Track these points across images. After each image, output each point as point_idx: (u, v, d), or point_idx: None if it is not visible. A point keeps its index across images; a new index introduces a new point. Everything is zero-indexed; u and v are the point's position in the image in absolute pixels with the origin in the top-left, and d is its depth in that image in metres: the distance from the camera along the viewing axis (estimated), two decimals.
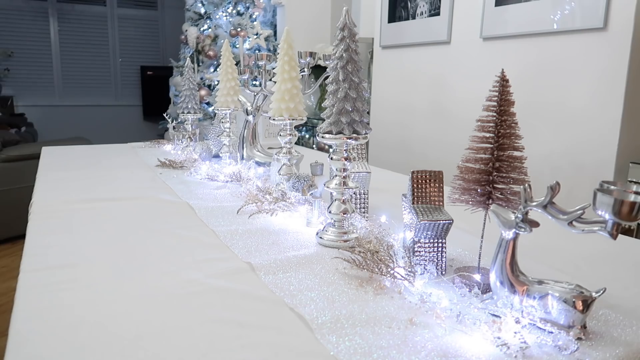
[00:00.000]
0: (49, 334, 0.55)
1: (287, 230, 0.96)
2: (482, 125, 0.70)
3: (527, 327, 0.57)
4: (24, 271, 0.72)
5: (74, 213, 1.03)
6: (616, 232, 0.53)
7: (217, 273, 0.74)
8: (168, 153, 1.85)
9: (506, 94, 0.68)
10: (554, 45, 1.88)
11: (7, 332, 0.58)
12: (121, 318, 0.60)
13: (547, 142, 1.92)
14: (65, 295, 0.65)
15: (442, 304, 0.64)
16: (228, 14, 4.57)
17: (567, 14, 1.80)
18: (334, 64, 0.85)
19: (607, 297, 0.65)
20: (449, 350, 0.54)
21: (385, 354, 0.53)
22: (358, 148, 1.07)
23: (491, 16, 2.11)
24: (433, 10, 2.43)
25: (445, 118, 2.42)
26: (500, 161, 0.68)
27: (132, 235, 0.90)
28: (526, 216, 0.60)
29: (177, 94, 4.62)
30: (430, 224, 0.74)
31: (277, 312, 0.63)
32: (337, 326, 0.58)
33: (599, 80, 1.74)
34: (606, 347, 0.55)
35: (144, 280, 0.71)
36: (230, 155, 1.56)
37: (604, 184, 0.55)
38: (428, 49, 2.51)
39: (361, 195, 1.05)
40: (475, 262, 0.74)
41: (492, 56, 2.15)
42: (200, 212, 1.06)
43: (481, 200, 0.70)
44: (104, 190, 1.23)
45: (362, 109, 0.87)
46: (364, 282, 0.71)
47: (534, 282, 0.60)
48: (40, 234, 0.90)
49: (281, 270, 0.75)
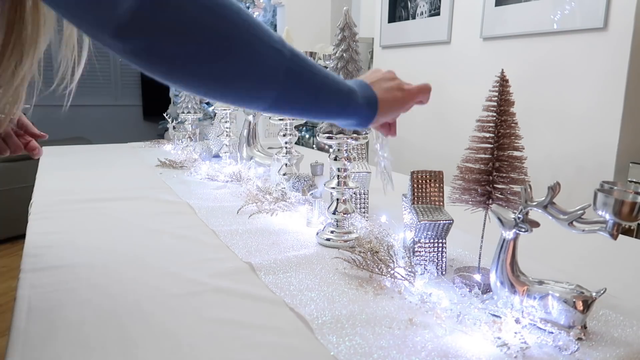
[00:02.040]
0: (49, 334, 0.55)
1: (287, 230, 0.96)
2: (482, 125, 0.70)
3: (527, 327, 0.57)
4: (24, 271, 0.72)
5: (74, 213, 1.03)
6: (616, 233, 0.53)
7: (217, 273, 0.74)
8: (168, 153, 1.84)
9: (506, 94, 0.68)
10: (554, 45, 1.88)
11: (7, 332, 0.58)
12: (121, 318, 0.60)
13: (547, 142, 1.92)
14: (65, 295, 0.65)
15: (442, 304, 0.64)
16: None
17: (567, 14, 1.80)
18: (334, 64, 0.85)
19: (608, 297, 0.65)
20: (449, 350, 0.54)
21: (385, 354, 0.53)
22: (358, 148, 1.07)
23: (491, 16, 2.11)
24: (433, 10, 2.43)
25: (445, 118, 2.42)
26: (500, 161, 0.68)
27: (132, 235, 0.90)
28: (526, 216, 0.60)
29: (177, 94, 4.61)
30: (431, 224, 0.74)
31: (277, 312, 0.63)
32: (337, 326, 0.58)
33: (599, 81, 1.74)
34: (606, 348, 0.55)
35: (144, 280, 0.71)
36: (230, 155, 1.56)
37: (605, 184, 0.55)
38: (428, 49, 2.51)
39: (361, 195, 1.05)
40: (475, 262, 0.74)
41: (492, 56, 2.15)
42: (200, 212, 1.06)
43: (481, 200, 0.70)
44: (104, 190, 1.23)
45: None
46: (364, 282, 0.71)
47: (535, 282, 0.60)
48: (40, 234, 0.90)
49: (281, 271, 0.75)
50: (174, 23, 0.45)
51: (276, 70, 0.52)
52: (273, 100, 0.54)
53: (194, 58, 0.47)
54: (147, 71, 0.48)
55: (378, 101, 0.65)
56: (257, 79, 0.51)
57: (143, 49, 0.46)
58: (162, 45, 0.46)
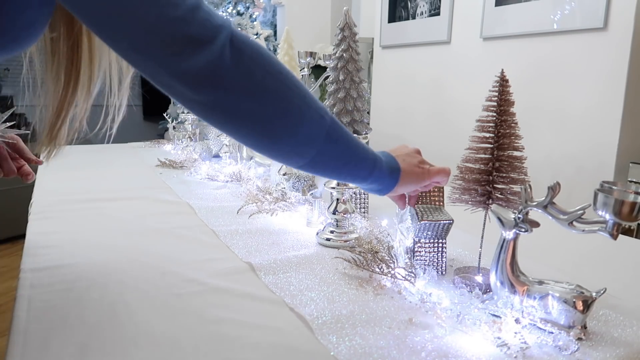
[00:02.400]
0: (49, 334, 0.55)
1: (287, 230, 0.96)
2: (482, 125, 0.70)
3: (527, 327, 0.57)
4: (24, 271, 0.72)
5: (74, 213, 1.03)
6: (617, 233, 0.53)
7: (217, 273, 0.74)
8: (168, 153, 1.85)
9: (506, 94, 0.68)
10: (554, 45, 1.88)
11: (7, 332, 0.58)
12: (121, 318, 0.60)
13: (547, 142, 1.92)
14: (65, 295, 0.65)
15: (442, 304, 0.64)
16: (228, 14, 4.57)
17: (567, 14, 1.80)
18: (334, 64, 0.85)
19: (607, 297, 0.65)
20: (450, 350, 0.54)
21: (385, 354, 0.53)
22: None
23: (491, 16, 2.11)
24: (433, 10, 2.43)
25: (445, 118, 2.42)
26: (500, 161, 0.68)
27: (132, 236, 0.90)
28: (526, 216, 0.60)
29: None
30: (431, 224, 0.74)
31: (277, 312, 0.63)
32: (337, 326, 0.58)
33: (599, 80, 1.74)
34: (606, 348, 0.55)
35: (144, 280, 0.71)
36: (230, 155, 1.56)
37: (605, 184, 0.55)
38: (428, 49, 2.51)
39: (361, 195, 1.05)
40: (475, 262, 0.74)
41: (492, 56, 2.15)
42: (200, 212, 1.06)
43: (481, 200, 0.70)
44: (104, 190, 1.23)
45: (363, 108, 0.87)
46: (364, 282, 0.71)
47: (535, 282, 0.60)
48: (40, 234, 0.90)
49: (281, 270, 0.75)
50: (245, 83, 0.52)
51: (318, 133, 0.58)
52: (311, 158, 0.59)
53: (253, 116, 0.53)
54: (204, 118, 0.54)
55: (401, 172, 0.69)
56: (302, 139, 0.57)
57: (211, 101, 0.51)
58: (230, 101, 0.52)
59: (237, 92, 0.51)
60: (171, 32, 0.47)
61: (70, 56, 0.65)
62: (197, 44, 0.48)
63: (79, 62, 0.66)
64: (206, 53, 0.48)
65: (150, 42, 0.47)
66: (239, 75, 0.51)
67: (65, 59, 0.65)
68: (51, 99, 0.66)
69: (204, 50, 0.48)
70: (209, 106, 0.52)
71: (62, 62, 0.65)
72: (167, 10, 0.47)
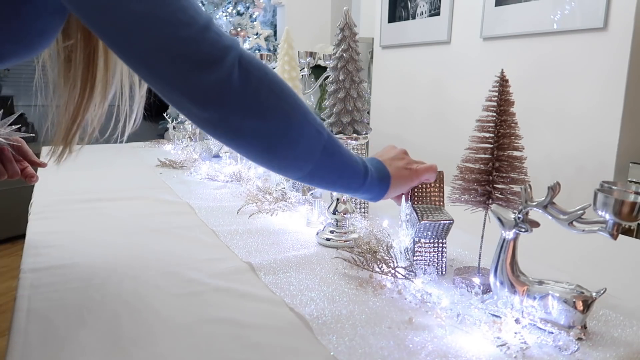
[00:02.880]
0: (49, 334, 0.55)
1: (287, 230, 0.96)
2: (482, 125, 0.70)
3: (527, 327, 0.57)
4: (24, 271, 0.72)
5: (74, 213, 1.03)
6: (617, 233, 0.53)
7: (217, 273, 0.74)
8: (168, 153, 1.85)
9: (506, 94, 0.68)
10: (554, 45, 1.88)
11: (7, 332, 0.58)
12: (121, 318, 0.60)
13: (547, 142, 1.92)
14: (65, 295, 0.65)
15: (442, 304, 0.64)
16: (228, 13, 4.57)
17: (567, 14, 1.80)
18: (334, 64, 0.85)
19: (607, 297, 0.65)
20: (449, 350, 0.54)
21: (385, 354, 0.53)
22: (358, 148, 1.07)
23: (491, 16, 2.11)
24: (433, 10, 2.43)
25: (445, 118, 2.42)
26: (500, 161, 0.68)
27: (132, 235, 0.90)
28: (526, 216, 0.60)
29: None
30: (431, 224, 0.74)
31: (277, 312, 0.63)
32: (337, 326, 0.58)
33: (599, 81, 1.74)
34: (606, 348, 0.55)
35: (144, 280, 0.71)
36: (230, 155, 1.56)
37: (605, 184, 0.55)
38: (428, 49, 2.51)
39: None
40: (475, 262, 0.74)
41: (492, 56, 2.15)
42: (200, 212, 1.06)
43: (481, 200, 0.70)
44: (104, 190, 1.23)
45: (363, 108, 0.87)
46: (364, 282, 0.71)
47: (535, 282, 0.60)
48: (40, 234, 0.90)
49: (281, 270, 0.75)
50: (251, 102, 0.54)
51: (316, 147, 0.61)
52: (308, 171, 0.62)
53: (257, 133, 0.56)
54: (209, 133, 0.57)
55: (391, 179, 0.73)
56: (300, 153, 0.60)
57: (217, 118, 0.54)
58: (236, 119, 0.54)
59: (243, 110, 0.54)
60: (182, 52, 0.48)
61: (87, 63, 0.66)
62: (206, 63, 0.49)
63: (95, 68, 0.67)
64: (215, 73, 0.50)
65: (161, 60, 0.48)
66: (246, 94, 0.53)
67: (82, 66, 0.66)
68: (66, 104, 0.68)
69: (213, 69, 0.50)
70: (215, 123, 0.54)
71: (79, 69, 0.66)
72: (179, 30, 0.47)
